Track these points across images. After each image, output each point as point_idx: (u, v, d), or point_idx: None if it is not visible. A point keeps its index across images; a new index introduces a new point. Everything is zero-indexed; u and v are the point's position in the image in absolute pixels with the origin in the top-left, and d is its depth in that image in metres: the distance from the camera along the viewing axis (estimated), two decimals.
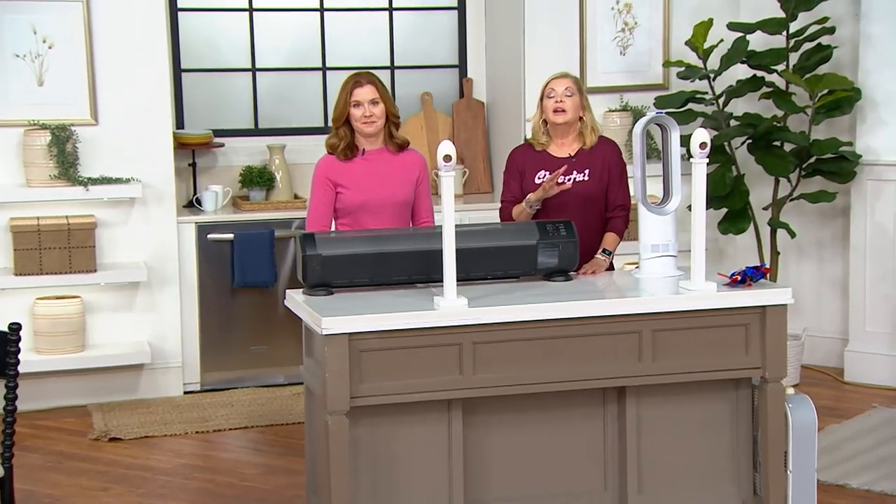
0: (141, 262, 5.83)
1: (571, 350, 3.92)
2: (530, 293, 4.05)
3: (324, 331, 3.70)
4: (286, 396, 5.90)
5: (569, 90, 4.52)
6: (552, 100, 4.52)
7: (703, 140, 4.00)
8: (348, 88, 4.49)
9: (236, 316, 6.04)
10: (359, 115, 4.47)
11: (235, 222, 6.02)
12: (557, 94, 4.52)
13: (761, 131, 6.00)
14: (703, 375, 4.04)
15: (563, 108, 4.51)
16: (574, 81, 4.55)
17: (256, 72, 6.53)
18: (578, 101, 4.54)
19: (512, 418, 4.00)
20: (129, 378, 5.87)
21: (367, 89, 4.48)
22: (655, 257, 4.30)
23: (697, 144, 3.99)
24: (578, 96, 4.53)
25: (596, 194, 4.54)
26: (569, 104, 4.52)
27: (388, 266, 4.07)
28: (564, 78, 4.55)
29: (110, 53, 5.76)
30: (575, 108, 4.53)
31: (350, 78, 4.53)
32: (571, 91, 4.52)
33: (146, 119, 5.82)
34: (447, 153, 3.79)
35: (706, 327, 4.01)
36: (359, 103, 4.47)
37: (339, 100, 4.51)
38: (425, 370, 3.81)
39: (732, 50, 6.08)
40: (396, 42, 6.72)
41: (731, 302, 4.02)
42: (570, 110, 4.52)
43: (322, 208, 4.49)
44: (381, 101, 4.49)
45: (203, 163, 6.37)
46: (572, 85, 4.53)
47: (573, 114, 4.53)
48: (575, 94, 4.52)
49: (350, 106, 4.48)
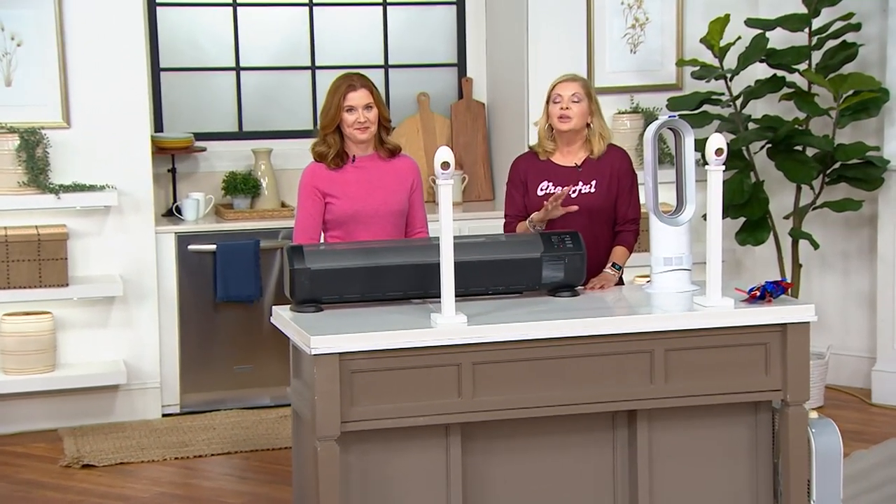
0: (116, 275, 5.83)
1: (578, 371, 3.92)
2: (534, 309, 4.05)
3: (313, 350, 3.70)
4: (272, 419, 5.90)
5: (576, 95, 4.52)
6: (557, 105, 4.53)
7: (719, 146, 4.00)
8: (341, 92, 4.47)
9: (219, 333, 6.03)
10: (352, 121, 4.47)
11: (218, 232, 6.02)
12: (563, 100, 4.52)
13: (782, 135, 6.01)
14: (719, 398, 4.04)
15: (568, 114, 4.51)
16: (582, 85, 4.54)
17: (241, 71, 6.54)
18: (586, 106, 4.54)
19: (514, 444, 3.99)
20: (103, 400, 5.87)
21: (361, 93, 4.46)
22: (668, 271, 4.30)
23: (713, 151, 4.00)
24: (587, 102, 4.53)
25: (603, 207, 4.55)
26: (575, 110, 4.52)
27: (381, 281, 4.07)
28: (572, 82, 4.55)
29: (84, 51, 5.77)
30: (582, 114, 4.53)
31: (341, 80, 4.52)
32: (579, 96, 4.52)
33: (122, 122, 5.83)
34: (445, 160, 3.79)
35: (723, 346, 4.01)
36: (353, 108, 4.46)
37: (330, 104, 4.48)
38: (421, 392, 3.80)
39: (751, 48, 6.09)
40: (391, 39, 6.73)
41: (749, 319, 4.02)
42: (576, 117, 4.52)
43: (310, 220, 4.49)
44: (374, 106, 4.48)
45: (183, 168, 6.37)
46: (580, 90, 4.53)
47: (579, 121, 4.53)
48: (583, 100, 4.52)
49: (343, 111, 4.47)
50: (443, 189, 3.80)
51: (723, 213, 4.09)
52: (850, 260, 6.45)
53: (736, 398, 4.05)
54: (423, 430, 3.87)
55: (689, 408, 4.06)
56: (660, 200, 4.36)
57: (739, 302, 4.09)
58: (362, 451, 3.85)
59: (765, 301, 4.08)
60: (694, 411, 4.07)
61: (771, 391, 4.05)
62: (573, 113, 4.52)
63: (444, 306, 3.84)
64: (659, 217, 4.33)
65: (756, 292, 4.08)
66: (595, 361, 3.93)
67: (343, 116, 4.47)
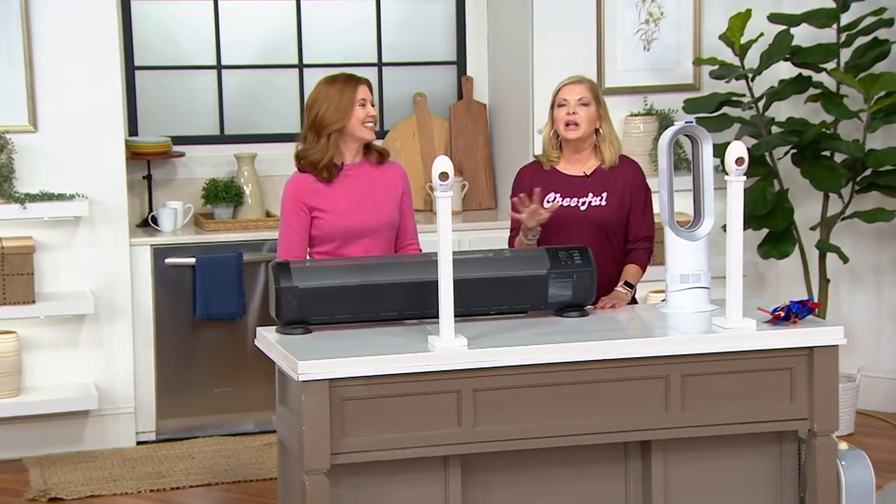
0: (87, 291, 5.83)
1: (588, 398, 3.92)
2: (540, 331, 4.06)
3: (300, 376, 3.71)
4: (256, 447, 5.90)
5: (583, 99, 4.53)
6: (563, 110, 4.54)
7: (739, 155, 4.01)
8: (352, 85, 4.50)
9: (198, 353, 6.04)
10: (364, 116, 4.50)
11: (197, 244, 6.02)
12: (569, 105, 4.53)
13: (808, 139, 6.02)
14: (740, 428, 4.05)
15: (575, 120, 4.52)
16: (590, 88, 4.56)
17: (222, 69, 6.55)
18: (595, 111, 4.55)
19: (518, 477, 4.00)
20: (72, 427, 5.87)
21: (367, 87, 4.51)
22: (685, 289, 4.31)
23: (733, 160, 4.01)
24: (594, 106, 4.54)
25: (614, 221, 4.55)
26: (583, 115, 4.53)
27: (374, 300, 4.07)
28: (578, 84, 4.56)
29: (52, 48, 5.77)
30: (590, 119, 4.54)
31: (339, 76, 4.54)
32: (587, 100, 4.53)
33: (94, 125, 5.83)
34: (444, 171, 3.80)
35: (744, 372, 4.02)
36: (364, 102, 4.50)
37: (340, 99, 4.47)
38: (418, 422, 3.81)
39: (774, 45, 6.10)
40: (385, 35, 6.74)
41: (773, 342, 4.03)
42: (584, 123, 4.53)
43: (295, 237, 4.49)
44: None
45: (160, 175, 6.38)
46: (587, 93, 4.54)
47: (588, 127, 4.54)
48: (590, 104, 4.53)
49: (356, 105, 4.49)
50: (441, 202, 3.80)
51: (744, 224, 4.08)
52: (882, 274, 6.45)
53: (759, 428, 4.06)
54: (420, 463, 3.88)
55: (707, 438, 4.06)
56: (675, 210, 4.37)
57: (762, 323, 4.09)
58: (354, 486, 3.85)
59: (790, 322, 4.09)
60: (713, 442, 4.08)
61: (797, 420, 4.06)
62: (581, 118, 4.52)
63: (442, 328, 3.85)
64: (675, 231, 4.33)
65: (780, 313, 4.09)
66: (606, 388, 3.94)
67: (356, 112, 4.49)
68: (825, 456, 4.06)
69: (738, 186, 4.04)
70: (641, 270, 4.58)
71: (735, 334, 4.03)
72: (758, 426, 4.05)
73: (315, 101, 4.51)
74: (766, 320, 4.12)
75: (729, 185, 4.04)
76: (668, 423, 3.98)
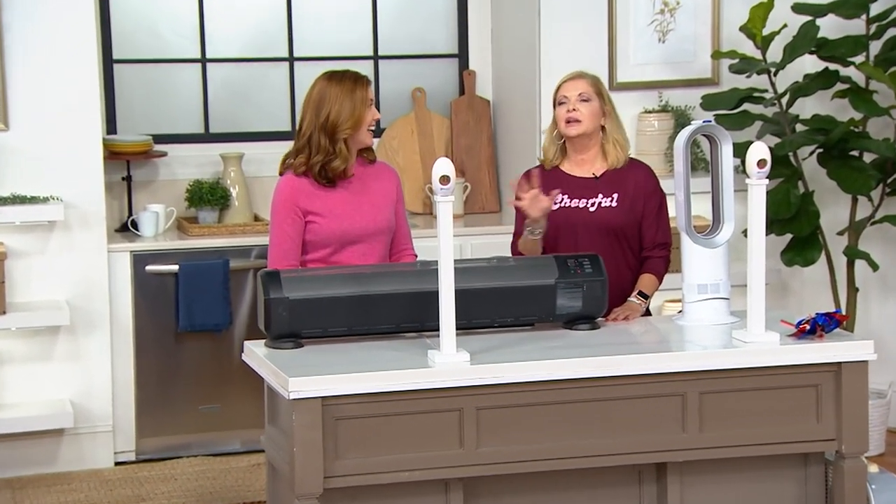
0: (62, 300, 5.84)
1: (599, 417, 3.93)
2: (548, 345, 4.06)
3: (291, 394, 3.71)
4: (243, 468, 5.91)
5: (584, 94, 4.55)
6: (564, 107, 4.55)
7: (761, 157, 4.02)
8: (362, 84, 4.49)
9: (181, 368, 6.04)
10: (370, 119, 4.52)
11: (180, 251, 6.03)
12: (570, 101, 4.55)
13: (835, 138, 6.02)
14: (763, 449, 4.05)
15: (576, 117, 4.54)
16: (592, 83, 4.58)
17: (207, 63, 6.56)
18: (598, 106, 4.56)
19: (524, 502, 3.99)
20: (46, 446, 5.87)
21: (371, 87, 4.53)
22: (703, 300, 4.32)
23: (755, 162, 4.02)
24: (597, 101, 4.56)
25: (626, 225, 4.56)
26: (584, 111, 4.54)
27: (370, 312, 4.07)
28: (578, 79, 4.59)
29: (24, 40, 5.77)
30: (592, 115, 4.55)
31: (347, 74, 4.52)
32: (588, 95, 4.55)
33: (69, 123, 5.83)
34: (445, 174, 3.81)
35: (767, 389, 4.02)
36: (371, 103, 4.52)
37: (352, 100, 4.45)
38: (417, 443, 3.81)
39: (799, 37, 6.10)
40: (381, 26, 6.75)
41: (797, 358, 4.03)
42: (585, 119, 4.55)
43: (289, 242, 4.50)
44: None
45: (140, 176, 6.38)
46: (588, 88, 4.56)
47: (590, 123, 4.55)
48: (592, 99, 4.55)
49: (368, 106, 4.49)
50: (442, 207, 3.81)
51: (767, 230, 4.09)
52: None
53: (782, 449, 4.06)
54: (420, 487, 3.88)
55: (727, 460, 4.06)
56: (693, 214, 4.37)
57: (786, 337, 4.10)
58: None
59: (816, 336, 4.09)
60: (733, 464, 4.08)
61: (823, 441, 4.06)
62: (582, 115, 4.54)
63: (443, 342, 3.85)
64: (692, 237, 4.34)
65: (805, 326, 4.09)
66: (618, 406, 3.94)
67: (366, 114, 4.50)
68: (854, 479, 4.06)
69: (759, 189, 4.04)
70: (658, 280, 4.58)
71: (757, 349, 4.03)
72: (781, 447, 4.05)
73: (323, 101, 4.46)
74: (790, 334, 4.12)
75: (750, 188, 4.04)
76: (685, 444, 3.98)
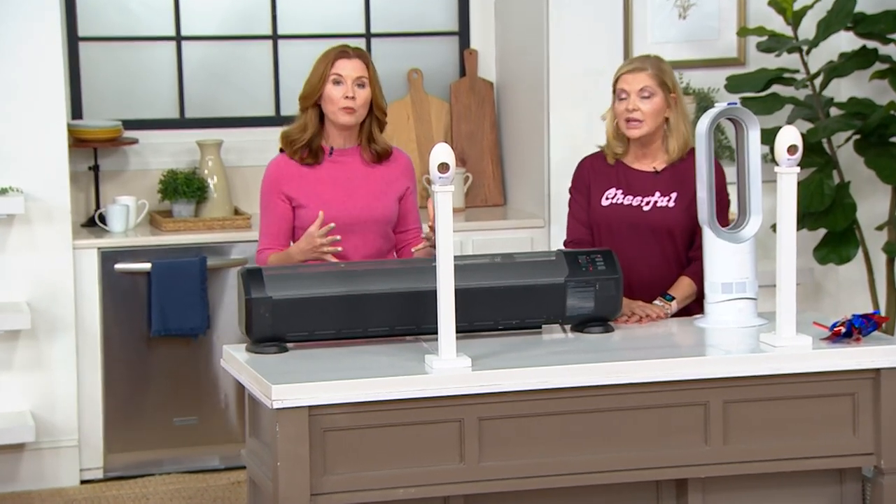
0: (22, 302, 5.84)
1: (613, 429, 3.93)
2: (556, 350, 4.07)
3: (275, 403, 3.71)
4: (222, 486, 5.91)
5: (646, 90, 4.50)
6: (623, 104, 4.53)
7: (792, 143, 4.02)
8: (330, 58, 4.56)
9: (154, 376, 6.04)
10: (337, 96, 4.52)
11: (153, 248, 6.03)
12: (630, 98, 4.52)
13: (873, 124, 6.02)
14: (793, 464, 4.05)
15: (636, 117, 4.51)
16: (653, 75, 4.52)
17: (182, 41, 6.55)
18: (661, 102, 4.52)
19: None
20: (4, 463, 5.87)
21: (354, 63, 4.53)
22: (727, 300, 4.32)
23: (785, 148, 4.02)
24: (661, 95, 4.52)
25: (681, 226, 4.56)
26: (646, 110, 4.50)
27: (362, 312, 4.08)
28: (640, 72, 4.53)
29: None
30: (655, 113, 4.52)
31: (333, 48, 4.60)
32: (650, 90, 4.50)
33: (30, 107, 5.83)
34: (444, 161, 3.81)
35: (798, 398, 4.02)
36: (341, 79, 4.52)
37: (314, 72, 4.56)
38: (413, 456, 3.81)
39: (833, 13, 6.10)
40: (374, 1, 6.74)
41: (832, 363, 4.03)
42: (648, 118, 4.51)
43: (278, 223, 4.55)
44: (368, 85, 4.55)
45: (109, 166, 6.38)
46: (650, 82, 4.51)
47: (653, 122, 4.52)
48: (655, 94, 4.51)
49: (327, 81, 4.51)
50: (441, 197, 3.81)
51: (798, 224, 4.09)
52: None
53: (815, 464, 4.06)
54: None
55: (753, 476, 4.06)
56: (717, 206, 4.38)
57: (819, 340, 4.10)
58: None
59: (852, 339, 4.09)
60: (760, 480, 4.08)
61: (860, 455, 4.06)
62: (643, 114, 4.51)
63: (441, 346, 3.85)
64: (716, 231, 4.34)
65: (841, 328, 4.09)
66: (634, 416, 3.94)
67: (327, 89, 4.52)
68: (894, 497, 4.06)
69: (790, 179, 4.04)
70: (695, 285, 4.53)
71: (787, 354, 4.03)
72: (814, 462, 4.05)
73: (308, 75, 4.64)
74: (823, 337, 4.12)
75: (779, 178, 4.04)
76: (708, 458, 3.98)
